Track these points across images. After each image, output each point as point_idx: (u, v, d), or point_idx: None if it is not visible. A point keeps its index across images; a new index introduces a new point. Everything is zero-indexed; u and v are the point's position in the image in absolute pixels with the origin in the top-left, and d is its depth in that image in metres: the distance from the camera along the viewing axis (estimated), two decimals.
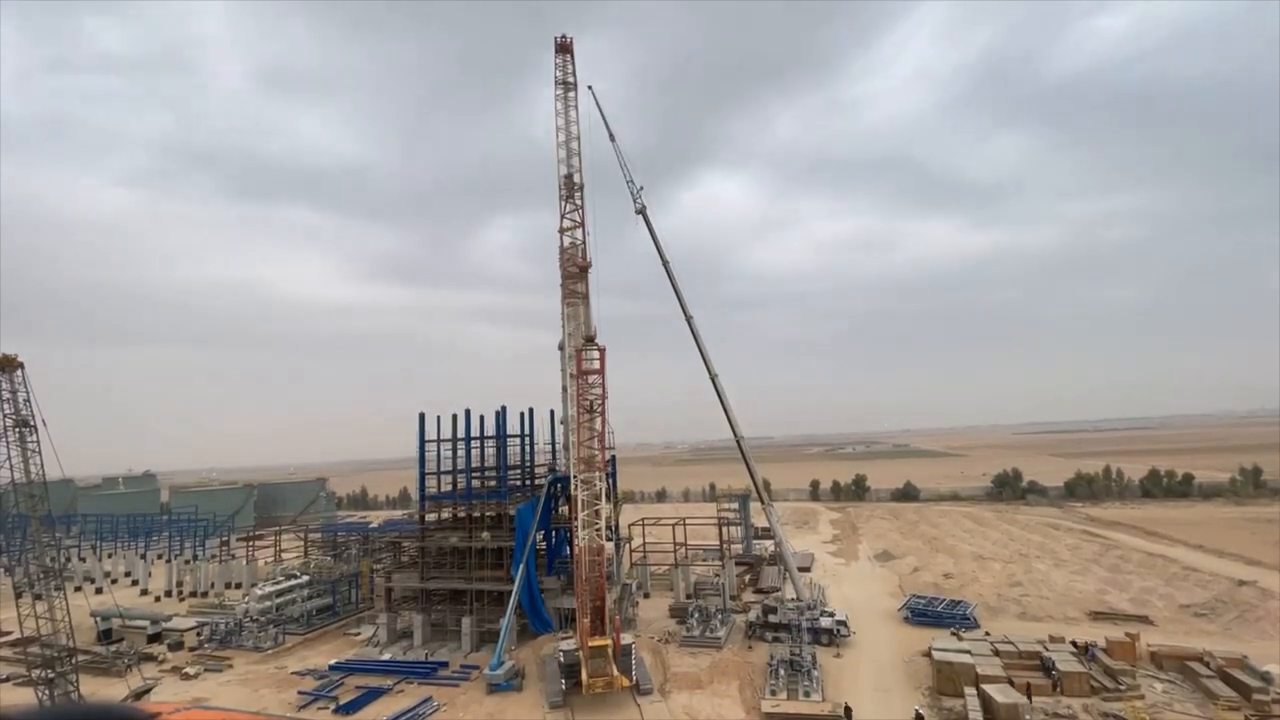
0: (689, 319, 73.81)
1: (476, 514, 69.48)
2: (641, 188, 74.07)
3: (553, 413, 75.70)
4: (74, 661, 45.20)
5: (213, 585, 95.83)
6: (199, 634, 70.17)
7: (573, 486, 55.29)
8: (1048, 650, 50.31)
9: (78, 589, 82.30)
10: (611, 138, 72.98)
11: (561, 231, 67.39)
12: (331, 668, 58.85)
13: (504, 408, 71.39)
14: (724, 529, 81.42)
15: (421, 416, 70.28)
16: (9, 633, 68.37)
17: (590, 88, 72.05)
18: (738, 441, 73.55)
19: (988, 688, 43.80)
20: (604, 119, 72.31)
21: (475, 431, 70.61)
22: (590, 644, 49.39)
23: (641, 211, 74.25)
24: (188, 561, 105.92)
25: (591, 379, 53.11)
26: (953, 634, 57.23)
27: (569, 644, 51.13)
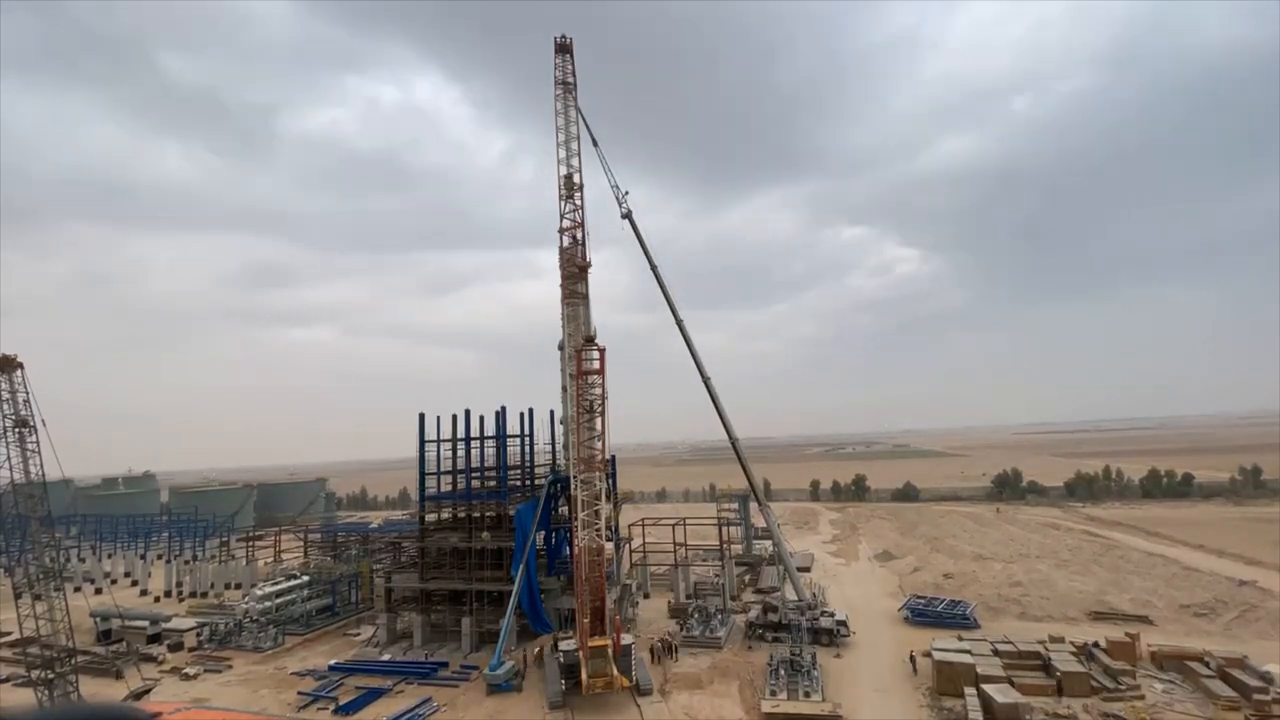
0: (679, 322, 73.76)
1: (476, 514, 69.38)
2: (626, 192, 73.65)
3: (553, 413, 75.70)
4: (74, 662, 45.14)
5: (212, 586, 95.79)
6: (199, 634, 70.09)
7: (572, 487, 55.23)
8: (1048, 650, 50.35)
9: (77, 589, 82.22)
10: (595, 143, 72.02)
11: (561, 231, 67.32)
12: (331, 668, 58.77)
13: (504, 408, 71.43)
14: (724, 529, 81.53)
15: (421, 417, 70.31)
16: (9, 633, 68.25)
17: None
18: (732, 443, 73.49)
19: (988, 688, 43.78)
20: (586, 126, 70.98)
21: (475, 432, 70.58)
22: (590, 644, 49.36)
23: (627, 216, 74.03)
24: (187, 562, 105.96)
25: (591, 379, 53.04)
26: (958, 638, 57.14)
27: (569, 644, 51.11)
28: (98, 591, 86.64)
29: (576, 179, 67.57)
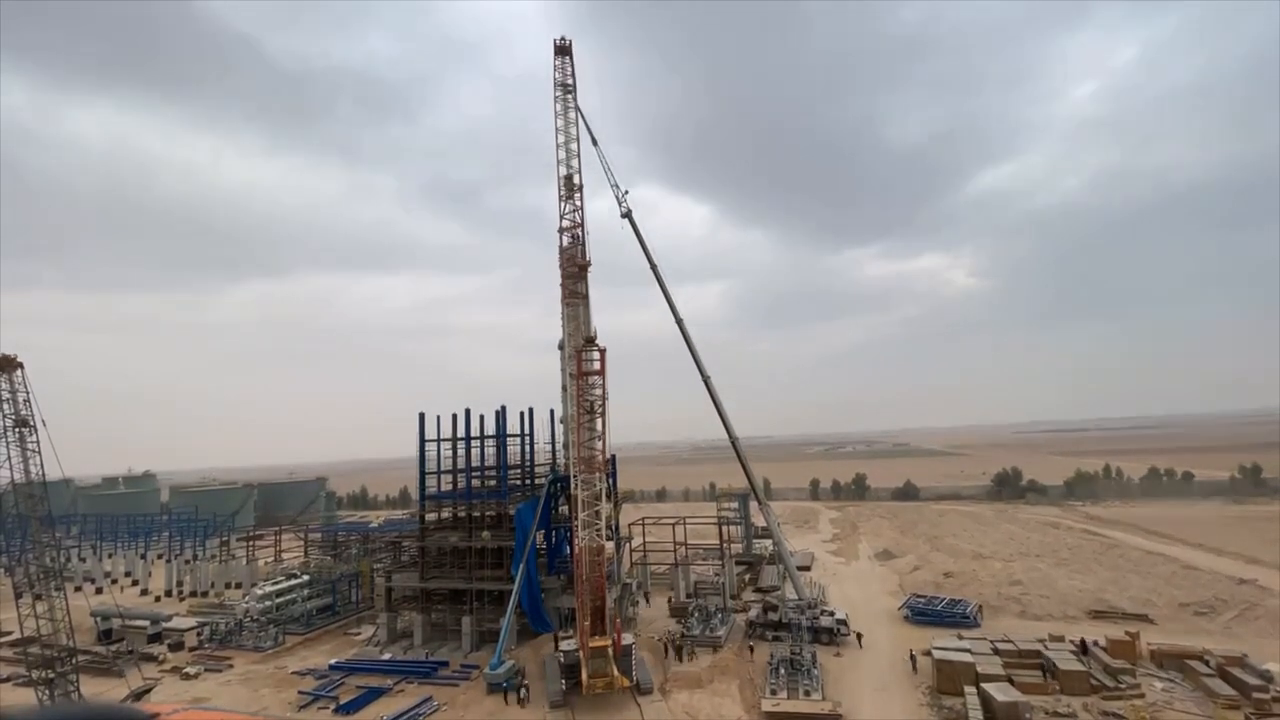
0: (679, 322, 73.73)
1: (476, 514, 69.47)
2: (626, 192, 73.55)
3: (553, 412, 75.69)
4: (74, 662, 45.22)
5: (213, 585, 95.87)
6: (199, 634, 70.17)
7: (573, 486, 55.25)
8: (1047, 649, 50.39)
9: (78, 589, 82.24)
10: (594, 142, 71.73)
11: (561, 231, 67.28)
12: (332, 667, 58.85)
13: (504, 407, 71.42)
14: (724, 528, 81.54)
15: (421, 416, 70.32)
16: (9, 633, 68.37)
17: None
18: (732, 442, 73.49)
19: (987, 686, 43.83)
20: (585, 124, 70.73)
21: (475, 431, 70.56)
22: (590, 644, 49.37)
23: (627, 215, 74.04)
24: (188, 561, 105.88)
25: (592, 379, 53.02)
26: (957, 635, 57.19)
27: (569, 644, 51.13)
28: (98, 591, 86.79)
29: (576, 179, 67.57)
